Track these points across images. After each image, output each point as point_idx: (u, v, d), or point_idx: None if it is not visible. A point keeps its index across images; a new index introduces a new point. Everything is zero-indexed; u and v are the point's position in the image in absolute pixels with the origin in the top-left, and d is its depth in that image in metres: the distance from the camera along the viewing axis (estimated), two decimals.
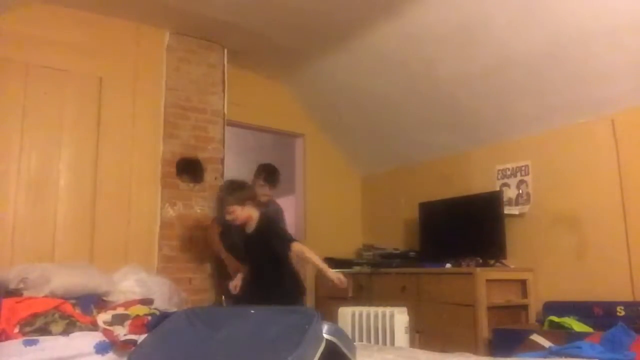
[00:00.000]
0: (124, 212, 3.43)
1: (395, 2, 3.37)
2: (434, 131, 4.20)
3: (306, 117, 4.94)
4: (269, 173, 3.51)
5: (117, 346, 1.95)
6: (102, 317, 2.28)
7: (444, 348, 2.61)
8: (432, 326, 3.43)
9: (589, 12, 2.87)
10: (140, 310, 2.47)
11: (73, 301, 2.40)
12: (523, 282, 3.53)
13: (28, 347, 1.90)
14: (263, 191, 3.41)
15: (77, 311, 2.33)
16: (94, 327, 2.18)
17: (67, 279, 2.58)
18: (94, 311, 2.41)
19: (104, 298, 2.66)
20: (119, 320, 2.31)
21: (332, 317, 3.12)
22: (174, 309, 2.71)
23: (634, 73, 2.98)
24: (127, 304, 2.52)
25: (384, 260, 4.24)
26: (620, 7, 2.77)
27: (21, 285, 2.60)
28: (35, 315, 2.12)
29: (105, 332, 2.02)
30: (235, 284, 3.03)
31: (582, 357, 1.96)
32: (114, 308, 2.45)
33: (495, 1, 3.10)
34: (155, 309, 2.57)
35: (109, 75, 3.50)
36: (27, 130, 3.17)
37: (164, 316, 2.43)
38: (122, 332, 2.14)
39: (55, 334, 2.07)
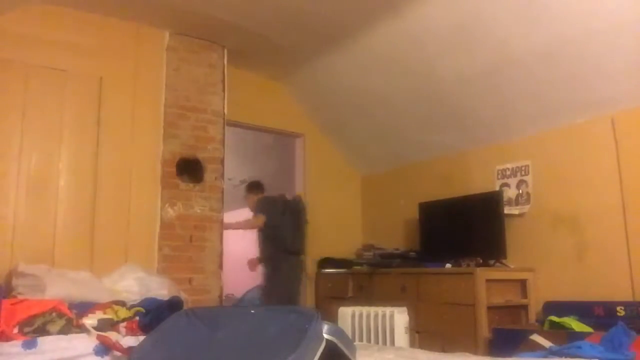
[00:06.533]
0: (124, 212, 3.43)
1: (395, 2, 3.37)
2: (434, 131, 4.20)
3: (306, 117, 4.94)
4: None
5: (121, 352, 1.95)
6: (88, 322, 2.27)
7: (444, 348, 2.62)
8: (432, 326, 3.43)
9: (588, 12, 2.87)
10: (121, 312, 2.47)
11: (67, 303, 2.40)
12: (523, 282, 3.53)
13: (27, 350, 1.89)
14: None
15: (73, 312, 2.32)
16: (81, 330, 2.18)
17: (63, 290, 2.58)
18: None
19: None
20: (106, 324, 2.30)
21: (332, 317, 3.12)
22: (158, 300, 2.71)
23: (634, 73, 2.98)
24: (102, 306, 2.51)
25: (384, 260, 4.24)
26: (620, 7, 2.77)
27: (19, 290, 2.62)
28: (34, 317, 2.12)
29: (101, 338, 2.01)
30: None
31: (582, 357, 1.96)
32: (93, 311, 2.44)
33: (495, 1, 3.10)
34: (137, 307, 2.56)
35: (109, 75, 3.50)
36: (27, 130, 3.17)
37: (155, 312, 2.45)
38: (119, 337, 2.14)
39: (54, 334, 2.07)
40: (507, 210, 3.68)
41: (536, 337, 2.66)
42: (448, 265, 3.60)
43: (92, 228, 3.29)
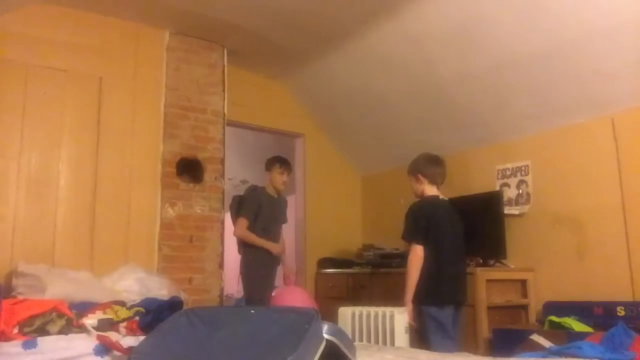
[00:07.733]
0: (124, 212, 3.43)
1: (395, 2, 3.37)
2: (434, 131, 4.19)
3: (306, 117, 4.94)
4: (283, 162, 3.83)
5: (121, 352, 1.95)
6: (88, 322, 2.27)
7: None
8: None
9: (589, 12, 2.87)
10: (121, 312, 2.47)
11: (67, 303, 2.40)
12: (523, 282, 3.53)
13: (27, 350, 1.90)
14: (282, 178, 3.80)
15: (73, 312, 2.32)
16: (81, 330, 2.18)
17: (63, 290, 2.59)
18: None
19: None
20: (106, 324, 2.30)
21: (332, 317, 3.12)
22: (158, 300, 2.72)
23: (634, 73, 2.98)
24: (102, 306, 2.52)
25: (384, 260, 4.23)
26: (620, 7, 2.77)
27: (19, 290, 2.62)
28: (34, 317, 2.12)
29: (101, 338, 2.01)
30: None
31: (582, 357, 1.96)
32: (93, 311, 2.44)
33: (495, 1, 3.10)
34: (137, 307, 2.56)
35: (109, 75, 3.50)
36: (27, 130, 3.17)
37: (155, 312, 2.45)
38: (119, 337, 2.14)
39: (54, 334, 2.07)
40: (507, 210, 3.68)
41: (536, 337, 2.66)
42: None
43: (92, 228, 3.29)
